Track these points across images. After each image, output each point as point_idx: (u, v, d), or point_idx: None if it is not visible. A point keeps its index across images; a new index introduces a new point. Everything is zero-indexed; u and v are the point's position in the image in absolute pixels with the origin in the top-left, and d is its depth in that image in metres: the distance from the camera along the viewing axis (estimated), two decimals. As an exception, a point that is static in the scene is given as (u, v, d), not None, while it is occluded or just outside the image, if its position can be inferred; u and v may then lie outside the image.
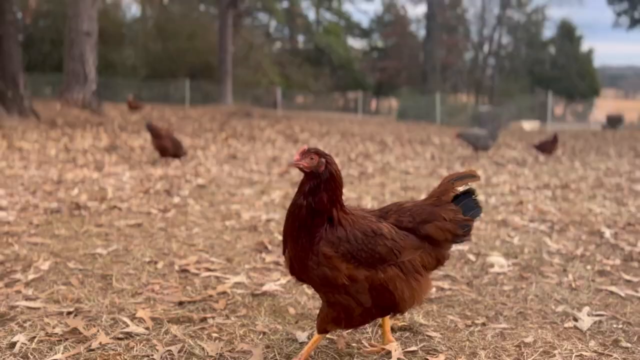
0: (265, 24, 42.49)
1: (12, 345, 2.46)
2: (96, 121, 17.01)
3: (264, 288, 3.25)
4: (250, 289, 3.26)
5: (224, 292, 3.19)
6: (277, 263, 3.79)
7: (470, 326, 2.82)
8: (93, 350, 2.42)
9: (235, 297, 3.13)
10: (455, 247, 4.16)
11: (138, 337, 2.57)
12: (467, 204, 2.43)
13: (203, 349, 2.47)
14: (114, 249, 3.93)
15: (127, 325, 2.67)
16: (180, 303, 3.01)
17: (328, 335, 2.64)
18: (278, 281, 3.40)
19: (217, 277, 3.45)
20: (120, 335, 2.58)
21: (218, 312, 2.92)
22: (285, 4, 34.58)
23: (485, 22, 47.69)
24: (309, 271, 2.19)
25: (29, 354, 2.38)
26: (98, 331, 2.59)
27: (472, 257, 4.00)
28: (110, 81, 28.93)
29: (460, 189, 2.43)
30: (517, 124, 26.17)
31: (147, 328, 2.66)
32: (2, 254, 3.74)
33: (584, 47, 52.34)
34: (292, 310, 2.97)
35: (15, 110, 15.95)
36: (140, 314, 2.79)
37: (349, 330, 2.71)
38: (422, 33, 47.94)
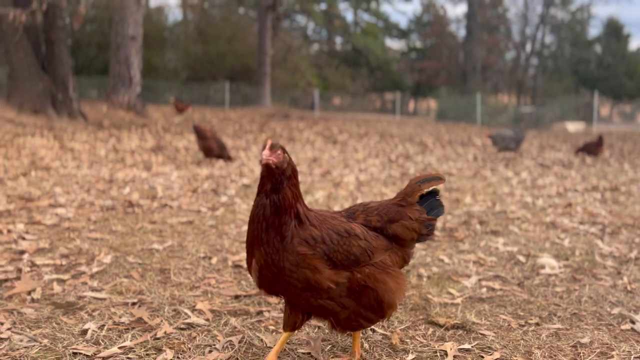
0: (303, 26, 42.82)
1: (84, 332, 2.60)
2: (141, 122, 17.53)
3: (316, 284, 3.32)
4: (302, 285, 3.33)
5: (277, 288, 3.27)
6: (326, 261, 3.85)
7: (523, 326, 2.82)
8: (159, 339, 2.54)
9: (288, 293, 3.20)
10: (504, 249, 4.14)
11: (199, 328, 2.68)
12: (431, 203, 2.48)
13: (262, 340, 2.56)
14: (169, 245, 4.09)
15: (189, 317, 2.78)
16: (237, 297, 3.12)
17: (381, 331, 2.70)
18: (328, 278, 3.46)
19: (269, 273, 3.54)
20: (183, 326, 2.69)
21: (273, 306, 3.01)
22: (323, 6, 34.69)
23: (528, 21, 46.66)
24: (287, 276, 2.07)
25: (99, 341, 2.52)
26: (162, 321, 2.72)
27: (522, 259, 3.97)
28: (152, 84, 29.70)
29: (426, 190, 2.47)
30: (561, 125, 25.52)
31: (207, 319, 2.77)
32: (67, 247, 3.94)
33: (632, 45, 50.67)
34: (344, 306, 3.02)
35: (65, 112, 16.61)
36: (199, 306, 2.90)
37: (401, 327, 2.76)
38: (462, 33, 47.38)
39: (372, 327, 2.74)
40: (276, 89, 33.82)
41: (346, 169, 8.81)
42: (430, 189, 2.46)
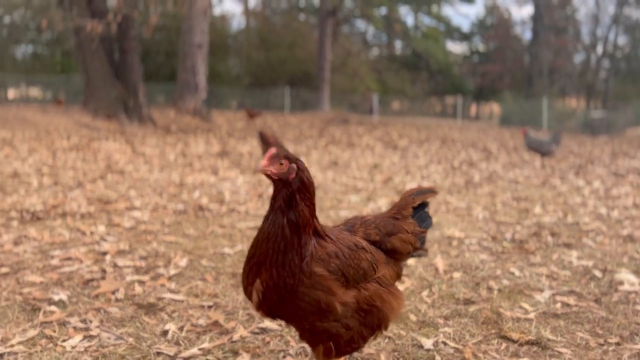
0: (363, 31, 42.85)
1: (165, 332, 2.74)
2: (206, 128, 18.12)
3: (384, 294, 3.33)
4: (370, 294, 3.36)
5: (346, 296, 3.31)
6: (393, 270, 3.85)
7: (603, 345, 2.72)
8: (235, 342, 2.64)
9: (357, 301, 3.24)
10: (578, 263, 4.00)
11: (272, 333, 2.76)
12: (421, 215, 2.46)
13: (333, 348, 2.60)
14: (239, 249, 4.22)
15: (262, 321, 2.87)
16: (306, 303, 3.18)
17: (452, 344, 2.68)
18: (396, 288, 3.46)
19: (337, 281, 3.58)
20: (257, 330, 2.78)
21: (342, 314, 3.05)
22: (383, 11, 34.58)
23: (599, 21, 44.55)
24: (298, 299, 1.90)
25: (180, 341, 2.65)
26: (237, 325, 2.82)
27: (598, 274, 3.82)
28: (216, 90, 30.56)
29: (418, 202, 2.44)
30: (635, 130, 24.17)
31: (280, 325, 2.85)
32: (145, 250, 4.15)
33: None
34: (413, 317, 3.02)
35: (136, 117, 17.44)
36: (272, 311, 2.99)
37: (473, 341, 2.73)
38: (527, 35, 45.86)
39: (444, 340, 2.73)
40: (335, 94, 34.00)
41: (408, 176, 8.75)
42: (421, 201, 2.45)
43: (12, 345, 2.58)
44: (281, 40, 35.47)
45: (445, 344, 2.69)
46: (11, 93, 30.30)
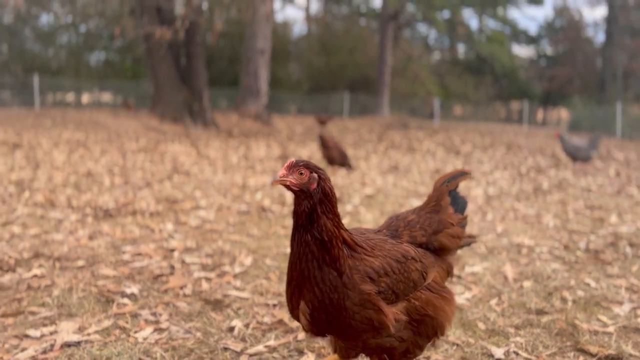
0: (425, 35, 42.27)
1: (231, 329, 2.78)
2: (266, 132, 18.41)
3: (450, 300, 3.23)
4: (436, 300, 3.27)
5: (411, 300, 3.24)
6: (458, 277, 3.74)
7: (693, 364, 2.51)
8: (300, 341, 2.64)
9: (422, 306, 3.16)
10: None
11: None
12: (454, 197, 2.28)
13: (400, 353, 2.55)
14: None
15: (326, 322, 2.85)
16: (371, 306, 3.14)
17: (525, 354, 2.55)
18: (463, 295, 3.36)
19: (401, 285, 3.52)
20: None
21: (407, 319, 2.98)
22: (446, 14, 33.98)
23: (679, 22, 41.79)
24: (348, 317, 1.79)
25: (246, 338, 2.68)
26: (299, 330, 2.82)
27: (684, 288, 3.55)
28: (276, 95, 31.06)
29: (452, 188, 2.29)
30: None
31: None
32: (211, 248, 4.25)
33: None
34: (482, 326, 2.91)
35: (200, 121, 17.97)
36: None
37: (547, 352, 2.59)
38: (600, 37, 43.76)
39: (516, 350, 2.61)
40: (395, 99, 33.71)
41: (472, 182, 8.51)
42: (455, 186, 2.30)
43: (88, 334, 2.69)
44: (341, 45, 35.59)
45: (517, 354, 2.58)
46: (85, 98, 32.00)
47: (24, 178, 7.33)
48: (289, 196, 6.74)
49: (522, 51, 49.46)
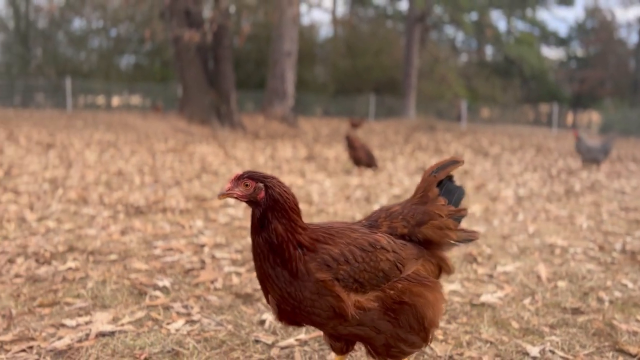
0: (452, 37, 41.90)
1: (262, 322, 2.79)
2: (292, 133, 18.49)
3: (482, 299, 3.19)
4: (467, 298, 3.23)
5: (442, 298, 3.20)
6: (490, 276, 3.69)
7: None
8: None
9: (453, 304, 3.12)
10: None
11: (368, 330, 2.72)
12: (448, 188, 2.14)
13: (432, 348, 2.52)
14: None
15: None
16: (401, 303, 3.11)
17: (561, 354, 2.49)
18: (495, 293, 3.31)
19: (431, 283, 3.48)
20: (352, 326, 2.75)
21: (439, 316, 2.94)
22: (474, 16, 33.61)
23: None
24: (308, 306, 1.82)
25: (276, 331, 2.68)
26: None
27: None
28: (302, 97, 31.17)
29: (441, 178, 2.14)
30: None
31: (375, 322, 2.80)
32: (240, 244, 4.27)
33: None
34: (515, 324, 2.86)
35: (227, 123, 18.15)
36: (366, 308, 2.95)
37: (585, 352, 2.52)
38: (633, 39, 42.74)
39: (552, 349, 2.55)
40: (421, 101, 33.48)
41: (502, 183, 8.38)
42: (445, 176, 2.15)
43: (122, 325, 2.73)
44: (368, 48, 35.52)
45: (553, 352, 2.52)
46: (115, 100, 32.65)
47: (57, 176, 7.50)
48: (316, 196, 6.74)
49: (551, 53, 48.59)
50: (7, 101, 25.81)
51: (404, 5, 35.96)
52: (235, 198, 1.86)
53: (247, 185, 1.85)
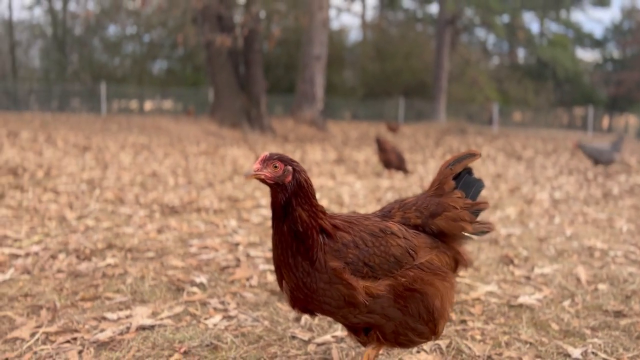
0: (483, 40, 41.39)
1: (298, 319, 2.81)
2: (322, 137, 18.54)
3: (520, 300, 3.14)
4: (505, 299, 3.18)
5: (478, 299, 3.17)
6: (528, 278, 3.62)
7: None
8: (367, 333, 2.63)
9: (490, 305, 3.08)
10: None
11: (404, 328, 2.71)
12: (466, 182, 2.11)
13: (470, 348, 2.49)
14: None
15: (392, 316, 2.83)
16: (437, 303, 3.09)
17: (604, 355, 2.43)
18: (533, 295, 3.25)
19: (467, 284, 3.44)
20: (388, 324, 2.74)
21: (476, 316, 2.91)
22: (505, 18, 33.13)
23: None
24: (320, 295, 1.84)
25: (312, 328, 2.70)
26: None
27: None
28: (330, 101, 31.24)
29: (458, 171, 2.12)
30: None
31: (411, 321, 2.79)
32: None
33: None
34: (555, 326, 2.80)
35: (257, 127, 18.32)
36: (402, 307, 2.94)
37: (629, 355, 2.46)
38: (671, 39, 41.29)
39: (594, 351, 2.49)
40: (452, 104, 33.14)
41: (536, 186, 8.23)
42: (462, 169, 2.13)
43: (161, 319, 2.78)
44: (397, 51, 35.37)
45: (595, 354, 2.46)
46: (147, 105, 33.34)
47: (94, 177, 7.69)
48: (347, 197, 6.74)
49: (586, 55, 47.57)
50: (45, 106, 26.65)
51: (434, 9, 35.74)
52: (262, 180, 1.82)
53: (276, 167, 1.82)
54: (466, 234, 2.07)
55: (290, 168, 1.83)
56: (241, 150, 12.83)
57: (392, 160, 9.24)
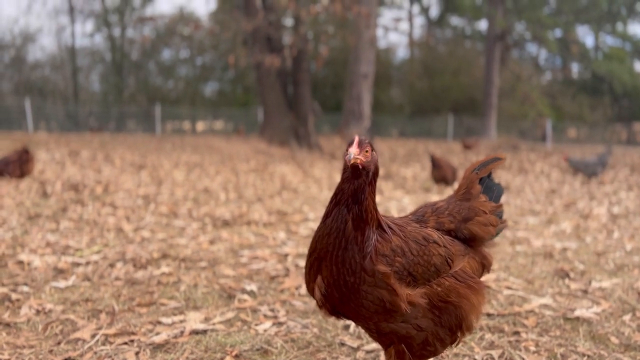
0: (535, 55, 40.47)
1: (347, 327, 2.82)
2: (369, 154, 18.52)
3: (577, 313, 3.03)
4: (560, 312, 3.08)
5: (532, 311, 3.08)
6: (584, 291, 3.49)
7: None
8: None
9: (545, 317, 2.99)
10: None
11: (455, 338, 2.67)
12: (487, 186, 2.10)
13: (524, 359, 2.43)
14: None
15: (443, 326, 2.79)
16: (489, 314, 3.02)
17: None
18: (591, 308, 3.13)
19: (520, 297, 3.35)
20: (438, 334, 2.71)
21: (529, 328, 2.83)
22: (558, 33, 32.33)
23: None
24: (360, 297, 1.73)
25: (361, 336, 2.70)
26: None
27: None
28: (378, 118, 31.25)
29: (483, 175, 2.11)
30: None
31: (461, 331, 2.74)
32: (322, 254, 4.34)
33: None
34: (615, 340, 2.69)
35: (305, 145, 18.53)
36: (452, 317, 2.89)
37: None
38: None
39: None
40: (502, 121, 32.46)
41: (593, 201, 7.92)
42: (486, 174, 2.14)
43: (213, 324, 2.86)
44: (445, 68, 35.10)
45: (658, 369, 2.34)
46: (199, 125, 34.37)
47: (149, 193, 7.98)
48: (395, 211, 6.71)
49: (645, 68, 45.47)
50: (104, 126, 27.92)
51: (483, 25, 35.32)
52: (358, 164, 1.71)
53: (366, 151, 1.74)
54: (492, 236, 2.10)
55: (376, 155, 1.79)
56: (289, 167, 13.00)
57: (448, 176, 9.16)
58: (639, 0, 31.30)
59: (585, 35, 40.37)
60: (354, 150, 1.69)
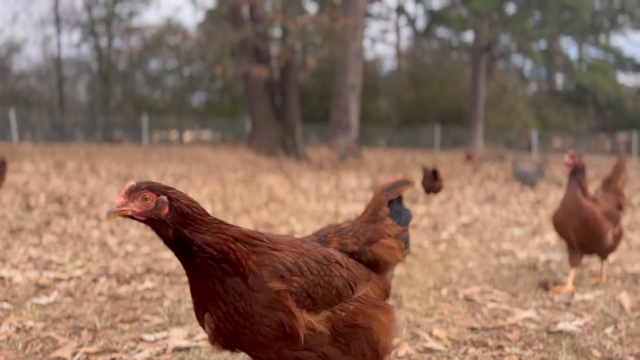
0: (520, 67, 41.00)
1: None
2: (356, 164, 18.58)
3: (560, 326, 3.05)
4: (543, 325, 3.10)
5: (515, 324, 3.10)
6: (567, 304, 3.52)
7: None
8: (401, 357, 2.60)
9: (528, 331, 3.01)
10: None
11: (439, 353, 2.67)
12: (396, 210, 2.06)
13: (507, 374, 2.44)
14: (397, 274, 4.19)
15: (427, 341, 2.80)
16: (472, 328, 3.03)
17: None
18: (574, 321, 3.15)
19: (504, 310, 3.37)
20: (421, 349, 2.71)
21: (513, 342, 2.84)
22: (542, 44, 32.79)
23: None
24: (256, 322, 1.56)
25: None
26: (402, 341, 2.78)
27: None
28: (366, 129, 31.39)
29: (392, 198, 2.07)
30: None
31: (445, 346, 2.75)
32: (307, 268, 4.33)
33: None
34: (597, 353, 2.71)
35: (292, 155, 18.56)
36: (436, 332, 2.90)
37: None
38: None
39: (638, 379, 2.40)
40: (489, 131, 32.78)
41: (577, 212, 8.00)
42: (395, 197, 2.10)
43: (197, 341, 2.83)
44: (432, 79, 35.45)
45: (640, 383, 2.36)
46: (187, 135, 34.26)
47: (135, 204, 7.92)
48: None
49: (629, 80, 46.23)
50: (90, 137, 27.74)
51: (469, 37, 35.73)
52: (130, 216, 1.54)
53: (146, 198, 1.54)
54: (398, 261, 2.04)
55: (164, 198, 1.56)
56: (277, 178, 12.99)
57: (440, 187, 9.19)
58: (620, 13, 31.92)
59: (569, 47, 41.04)
60: (118, 200, 1.54)
